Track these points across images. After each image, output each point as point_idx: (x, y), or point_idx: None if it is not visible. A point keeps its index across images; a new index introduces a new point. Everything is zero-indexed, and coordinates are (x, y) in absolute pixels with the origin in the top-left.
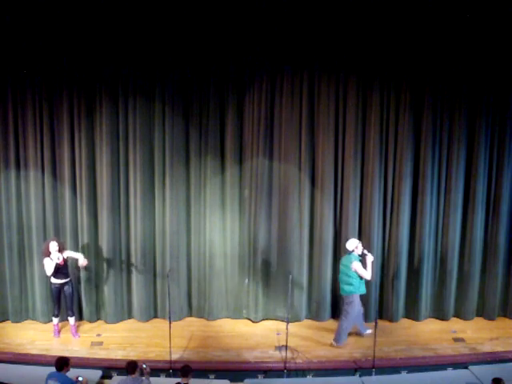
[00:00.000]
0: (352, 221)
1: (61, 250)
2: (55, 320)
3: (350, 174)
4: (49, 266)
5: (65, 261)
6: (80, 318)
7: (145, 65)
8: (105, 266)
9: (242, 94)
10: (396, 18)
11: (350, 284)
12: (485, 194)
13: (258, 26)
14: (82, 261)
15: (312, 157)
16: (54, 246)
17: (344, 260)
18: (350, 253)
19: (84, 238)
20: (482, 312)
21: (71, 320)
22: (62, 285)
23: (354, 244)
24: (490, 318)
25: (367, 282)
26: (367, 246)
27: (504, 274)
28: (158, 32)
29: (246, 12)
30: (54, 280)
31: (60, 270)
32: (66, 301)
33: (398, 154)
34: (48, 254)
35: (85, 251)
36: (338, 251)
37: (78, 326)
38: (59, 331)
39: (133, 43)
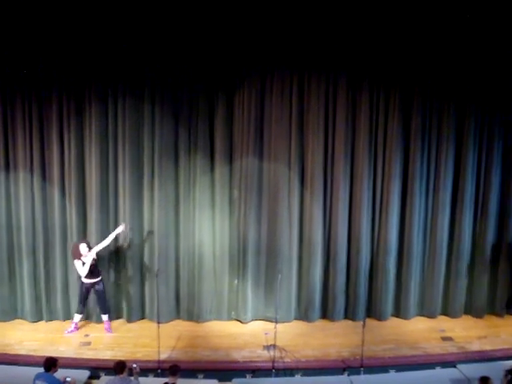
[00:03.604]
0: (341, 221)
1: (90, 250)
2: (77, 317)
3: (339, 174)
4: (82, 268)
5: (95, 260)
6: (68, 317)
7: (134, 65)
8: None
9: (231, 94)
10: (385, 19)
11: None
12: (473, 194)
13: (249, 27)
14: (121, 228)
15: (302, 157)
16: (84, 247)
17: None
18: None
19: (73, 237)
20: (470, 310)
21: (104, 317)
22: (93, 284)
23: None
24: (478, 316)
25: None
26: (356, 245)
27: (491, 272)
28: (148, 32)
29: (236, 13)
30: (85, 280)
31: (91, 270)
32: (98, 300)
33: (387, 155)
34: (79, 256)
35: None
36: (328, 251)
37: (111, 323)
38: (78, 328)
39: (122, 44)
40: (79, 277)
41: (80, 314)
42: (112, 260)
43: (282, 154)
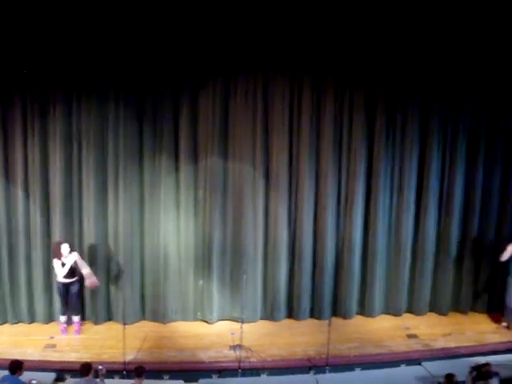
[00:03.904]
0: (306, 220)
1: (71, 252)
2: (62, 318)
3: (304, 173)
4: (61, 269)
5: (75, 263)
6: (33, 319)
7: (98, 66)
8: None
9: (196, 95)
10: (347, 19)
11: None
12: (437, 192)
13: (212, 27)
14: (89, 282)
15: (266, 157)
16: (65, 248)
17: None
18: None
19: (37, 239)
20: (435, 308)
21: (75, 318)
22: (69, 284)
23: None
24: (443, 313)
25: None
26: (321, 244)
27: (456, 269)
28: (110, 33)
29: (200, 14)
30: (62, 279)
31: (70, 270)
32: (71, 300)
33: (351, 153)
34: (59, 256)
35: (37, 253)
36: (293, 251)
37: (81, 325)
38: (66, 330)
39: (84, 45)
40: (57, 282)
41: (64, 314)
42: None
43: (247, 154)
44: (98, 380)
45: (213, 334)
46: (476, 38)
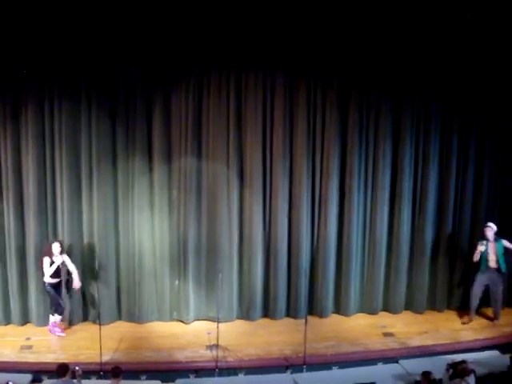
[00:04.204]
0: (281, 219)
1: (62, 252)
2: (58, 318)
3: (278, 172)
4: (49, 267)
5: (62, 263)
6: (8, 321)
7: (69, 66)
8: (32, 268)
9: (168, 94)
10: (319, 15)
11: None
12: (411, 190)
13: (184, 26)
14: (77, 283)
15: (240, 156)
16: (56, 247)
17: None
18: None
19: (11, 240)
20: (411, 306)
21: (52, 318)
22: (57, 284)
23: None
24: (419, 311)
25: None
26: (296, 243)
27: (431, 268)
28: (82, 32)
29: (171, 12)
30: (49, 279)
31: (56, 270)
32: (56, 299)
33: (325, 152)
34: (50, 254)
35: (12, 253)
36: (268, 250)
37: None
38: (62, 329)
39: (56, 44)
40: (44, 282)
41: (60, 314)
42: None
43: (221, 153)
44: (74, 381)
45: (189, 333)
46: (450, 37)
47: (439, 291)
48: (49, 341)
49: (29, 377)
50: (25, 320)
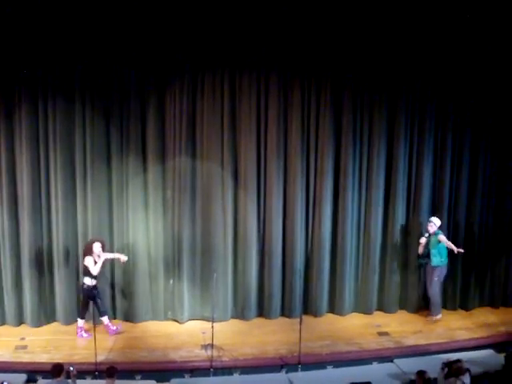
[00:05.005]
0: (276, 219)
1: (104, 251)
2: (81, 322)
3: (272, 172)
4: (94, 265)
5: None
6: (3, 321)
7: (63, 66)
8: (27, 269)
9: (162, 94)
10: (312, 14)
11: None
12: (405, 189)
13: (178, 26)
14: (123, 257)
15: (234, 156)
16: (98, 246)
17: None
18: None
19: (5, 240)
20: (405, 305)
21: (105, 319)
22: (95, 286)
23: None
24: (413, 310)
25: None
26: (291, 242)
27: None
28: (76, 33)
29: (165, 12)
30: (89, 281)
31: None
32: (99, 301)
33: (319, 151)
34: (90, 253)
35: (6, 254)
36: (263, 249)
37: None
38: (86, 331)
39: (50, 44)
40: (82, 283)
41: (83, 318)
42: (45, 263)
43: (215, 153)
44: (69, 381)
45: (184, 333)
46: (444, 36)
47: None
48: (43, 341)
49: (23, 377)
50: (19, 320)
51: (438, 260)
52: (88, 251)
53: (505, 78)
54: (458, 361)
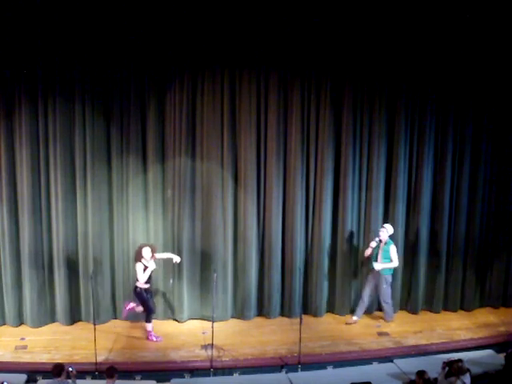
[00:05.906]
0: (275, 218)
1: (153, 256)
2: (149, 326)
3: (272, 171)
4: (143, 272)
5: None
6: (3, 321)
7: (63, 66)
8: (27, 269)
9: (162, 94)
10: (312, 13)
11: None
12: (405, 189)
13: (178, 25)
14: (176, 258)
15: (234, 155)
16: (147, 251)
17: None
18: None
19: (5, 240)
20: (406, 305)
21: (148, 327)
22: (147, 289)
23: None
24: (414, 311)
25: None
26: (290, 242)
27: (426, 267)
28: (76, 32)
29: (165, 11)
30: (144, 285)
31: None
32: (150, 305)
33: (319, 151)
34: (140, 259)
35: (6, 254)
36: (262, 249)
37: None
38: (157, 336)
39: (50, 44)
40: (135, 287)
41: (149, 322)
42: (45, 263)
43: (215, 152)
44: (69, 381)
45: (184, 333)
46: (444, 37)
47: (434, 291)
48: (43, 341)
49: (24, 377)
50: (19, 321)
51: (388, 269)
52: (138, 257)
53: (506, 78)
54: (460, 360)
